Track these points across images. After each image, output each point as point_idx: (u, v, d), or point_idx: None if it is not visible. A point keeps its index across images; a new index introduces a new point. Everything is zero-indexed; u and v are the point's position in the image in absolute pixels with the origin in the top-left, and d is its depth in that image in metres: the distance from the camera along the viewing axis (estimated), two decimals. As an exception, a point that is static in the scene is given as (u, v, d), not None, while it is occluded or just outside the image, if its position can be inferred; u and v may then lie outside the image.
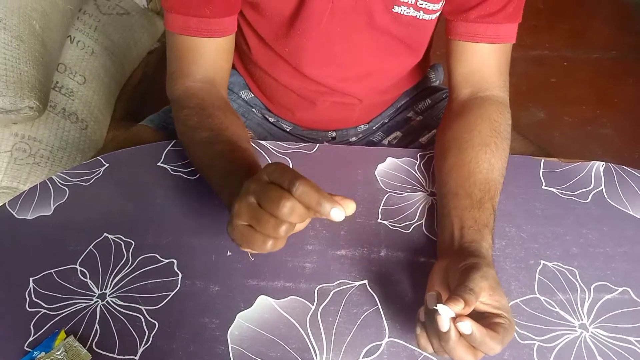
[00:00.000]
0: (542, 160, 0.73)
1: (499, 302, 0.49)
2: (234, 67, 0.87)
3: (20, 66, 1.06)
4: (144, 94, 1.53)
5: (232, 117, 0.67)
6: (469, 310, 0.46)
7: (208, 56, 0.69)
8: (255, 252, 0.47)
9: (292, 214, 0.43)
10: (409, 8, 0.67)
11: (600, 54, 1.97)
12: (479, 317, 0.48)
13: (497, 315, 0.49)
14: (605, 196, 0.69)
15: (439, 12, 0.69)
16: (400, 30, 0.70)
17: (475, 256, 0.53)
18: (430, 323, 0.47)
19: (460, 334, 0.45)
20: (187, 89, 0.69)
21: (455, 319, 0.45)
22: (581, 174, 0.71)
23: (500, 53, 0.69)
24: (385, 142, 0.90)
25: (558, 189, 0.69)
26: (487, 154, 0.62)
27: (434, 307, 0.45)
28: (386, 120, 0.92)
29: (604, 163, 0.72)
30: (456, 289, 0.47)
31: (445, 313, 0.45)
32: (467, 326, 0.44)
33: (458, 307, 0.45)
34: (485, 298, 0.49)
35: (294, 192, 0.43)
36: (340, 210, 0.43)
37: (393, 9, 0.67)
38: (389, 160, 0.73)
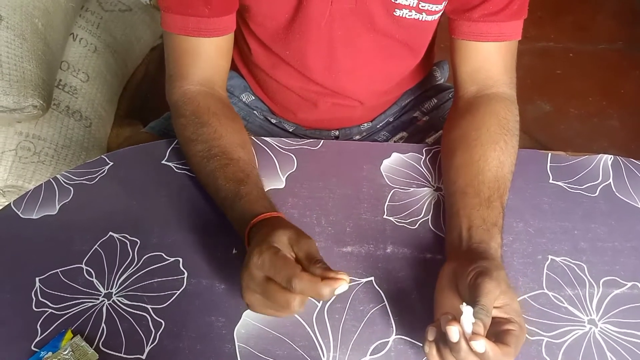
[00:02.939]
0: (549, 154, 0.72)
1: (509, 306, 0.49)
2: (235, 69, 0.86)
3: (24, 64, 1.06)
4: (147, 91, 1.52)
5: (226, 122, 0.67)
6: (485, 331, 0.46)
7: (207, 56, 0.69)
8: None
9: (301, 306, 0.47)
10: (410, 11, 0.66)
11: (605, 45, 1.95)
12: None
13: (508, 321, 0.48)
14: (614, 190, 0.68)
15: (442, 12, 0.68)
16: (402, 32, 0.70)
17: (484, 258, 0.52)
18: (443, 339, 0.47)
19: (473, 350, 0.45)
20: (185, 93, 0.68)
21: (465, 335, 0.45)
22: (589, 167, 0.70)
23: (506, 50, 0.68)
24: (391, 142, 0.89)
25: (565, 182, 0.68)
26: (497, 151, 0.62)
27: (460, 306, 0.45)
28: (391, 119, 0.91)
29: (611, 156, 0.72)
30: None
31: (467, 314, 0.45)
32: (482, 345, 0.44)
33: (479, 330, 0.45)
34: (496, 303, 0.49)
35: (294, 289, 0.46)
36: (341, 286, 0.45)
37: (394, 13, 0.66)
38: (394, 155, 0.72)
